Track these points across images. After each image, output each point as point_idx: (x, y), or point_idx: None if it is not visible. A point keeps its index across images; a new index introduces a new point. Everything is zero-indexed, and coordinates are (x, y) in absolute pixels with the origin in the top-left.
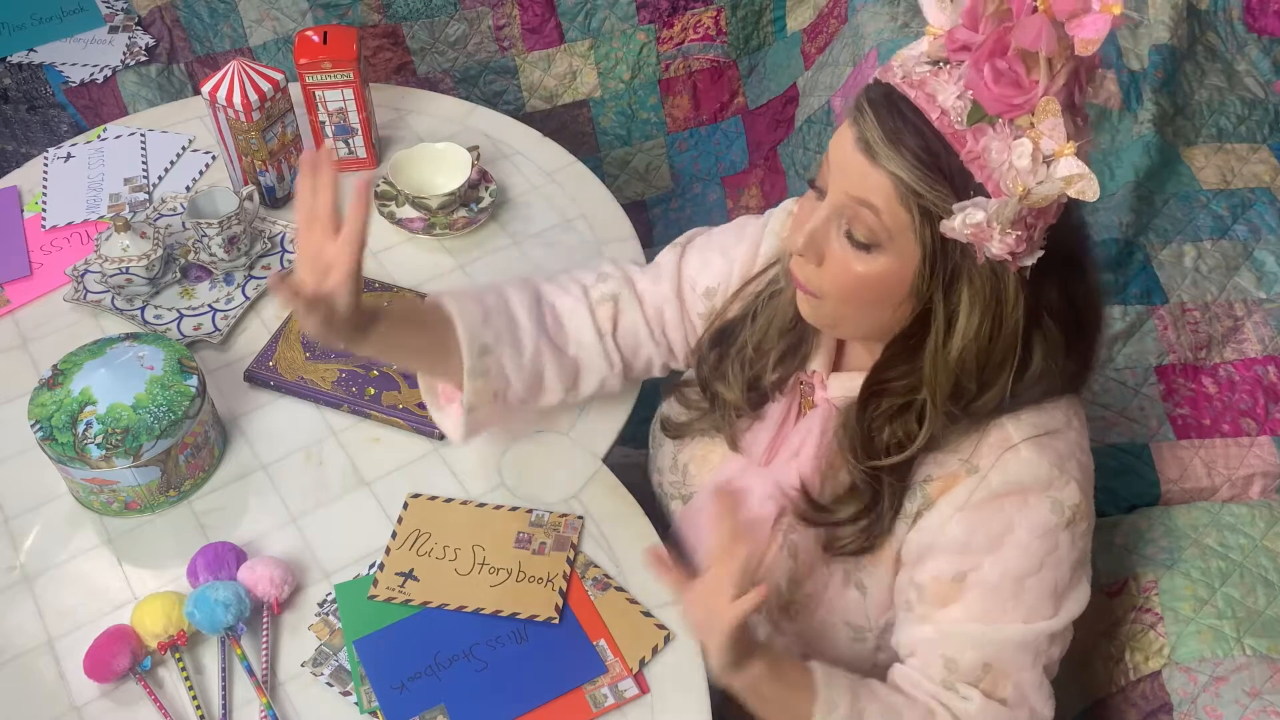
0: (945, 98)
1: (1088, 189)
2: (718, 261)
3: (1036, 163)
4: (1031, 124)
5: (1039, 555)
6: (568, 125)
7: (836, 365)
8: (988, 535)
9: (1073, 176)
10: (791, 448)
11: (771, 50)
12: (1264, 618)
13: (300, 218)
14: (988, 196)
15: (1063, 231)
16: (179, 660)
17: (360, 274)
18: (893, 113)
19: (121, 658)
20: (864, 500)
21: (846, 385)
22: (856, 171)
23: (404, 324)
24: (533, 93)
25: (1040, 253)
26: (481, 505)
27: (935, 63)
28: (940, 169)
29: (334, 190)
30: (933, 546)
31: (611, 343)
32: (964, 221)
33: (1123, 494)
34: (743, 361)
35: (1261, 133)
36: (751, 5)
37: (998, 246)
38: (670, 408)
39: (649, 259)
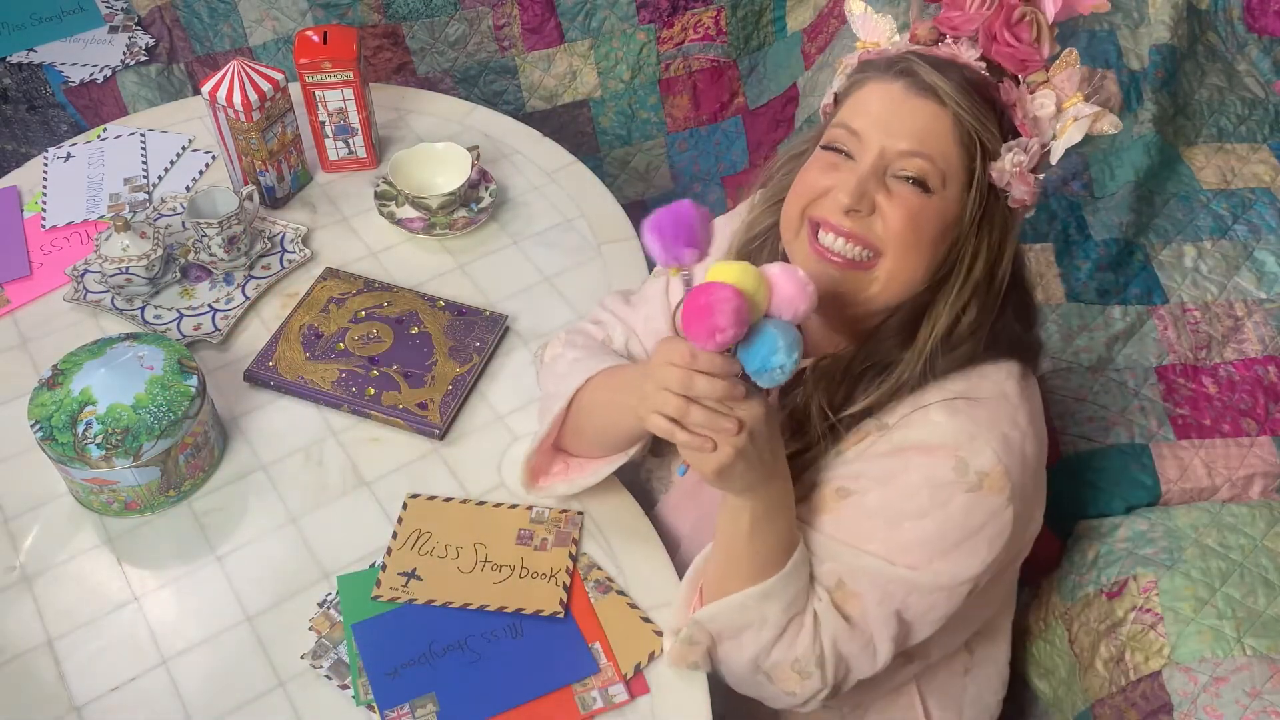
0: (968, 58)
1: (1109, 123)
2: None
3: (1059, 110)
4: (1046, 79)
5: (926, 504)
6: (568, 125)
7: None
8: (882, 470)
9: (1095, 114)
10: None
11: (772, 50)
12: (1264, 618)
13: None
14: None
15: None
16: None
17: None
18: (936, 61)
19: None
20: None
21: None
22: (909, 120)
23: None
24: (533, 93)
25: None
26: (481, 504)
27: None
28: (991, 104)
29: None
30: (829, 476)
31: None
32: (1012, 161)
33: (1123, 494)
34: None
35: (1262, 133)
36: (751, 5)
37: (1026, 189)
38: None
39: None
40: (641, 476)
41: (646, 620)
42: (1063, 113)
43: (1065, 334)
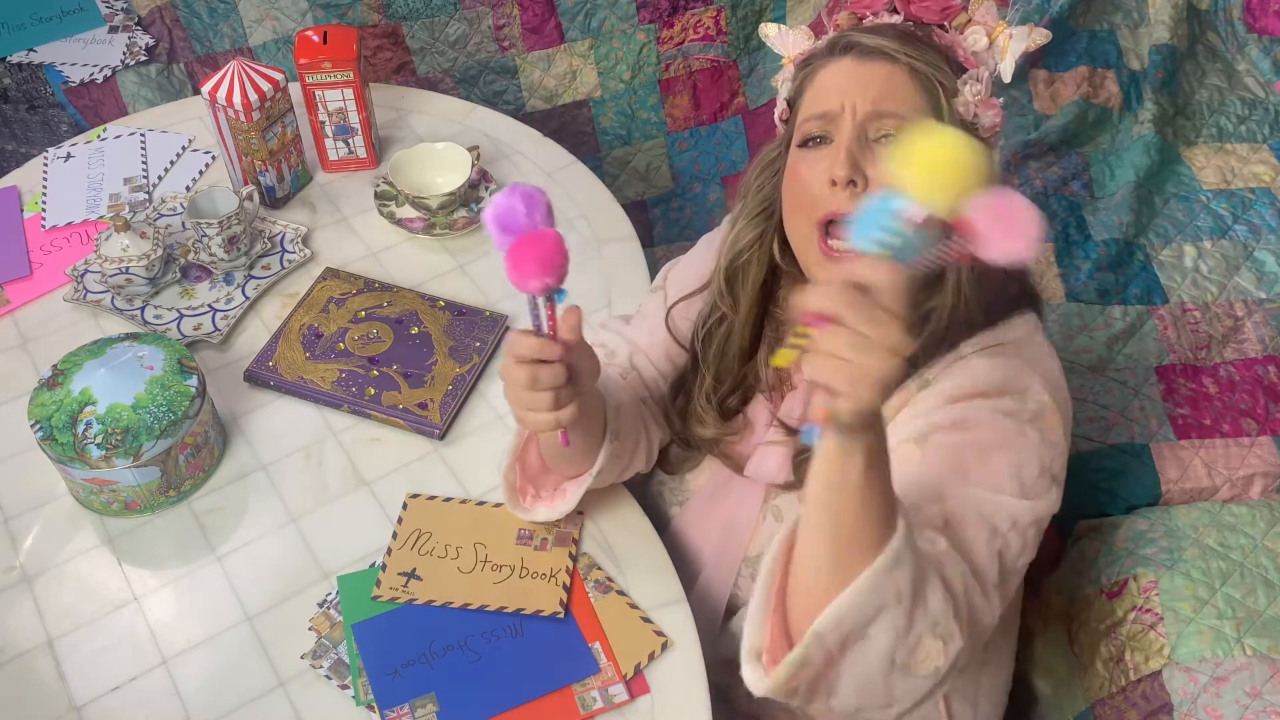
0: (894, 22)
1: (1040, 35)
2: (695, 285)
3: (990, 41)
4: (969, 18)
5: (1005, 434)
6: (568, 125)
7: None
8: (950, 418)
9: (1027, 30)
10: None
11: (771, 50)
12: (1264, 618)
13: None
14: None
15: None
16: None
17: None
18: (870, 29)
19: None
20: None
21: None
22: (870, 84)
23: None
24: (533, 93)
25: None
26: (481, 504)
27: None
28: (934, 47)
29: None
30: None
31: (654, 405)
32: (971, 91)
33: (1123, 494)
34: (707, 395)
35: (1262, 133)
36: (751, 5)
37: (993, 112)
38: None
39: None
40: (652, 491)
41: (646, 620)
42: (994, 43)
43: (1065, 334)
